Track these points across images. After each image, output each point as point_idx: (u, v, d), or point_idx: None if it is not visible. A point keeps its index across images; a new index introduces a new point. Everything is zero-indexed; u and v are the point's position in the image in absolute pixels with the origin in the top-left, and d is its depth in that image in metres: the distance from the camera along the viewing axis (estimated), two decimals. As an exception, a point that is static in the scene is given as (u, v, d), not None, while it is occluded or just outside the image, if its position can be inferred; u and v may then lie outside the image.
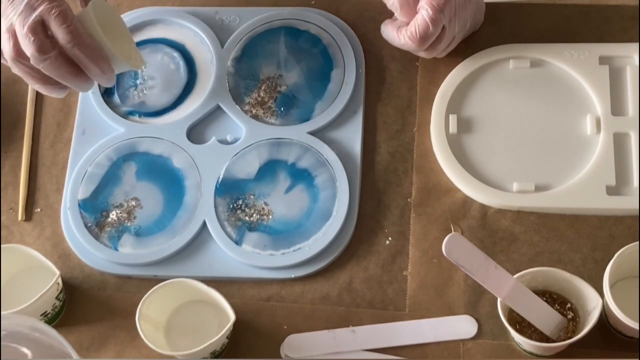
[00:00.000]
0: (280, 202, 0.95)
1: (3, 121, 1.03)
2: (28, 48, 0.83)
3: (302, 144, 0.97)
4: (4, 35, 0.84)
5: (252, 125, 0.98)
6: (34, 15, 0.83)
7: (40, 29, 0.83)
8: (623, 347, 0.86)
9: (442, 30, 0.93)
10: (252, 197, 0.95)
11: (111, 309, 0.93)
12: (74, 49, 0.84)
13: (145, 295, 0.87)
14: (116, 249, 0.94)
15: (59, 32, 0.83)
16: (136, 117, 1.00)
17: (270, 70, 1.01)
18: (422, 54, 0.98)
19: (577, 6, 1.01)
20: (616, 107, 0.95)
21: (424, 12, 0.91)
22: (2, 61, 0.87)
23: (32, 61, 0.84)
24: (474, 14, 0.96)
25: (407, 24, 0.93)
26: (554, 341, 0.84)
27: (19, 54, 0.84)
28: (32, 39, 0.82)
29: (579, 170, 0.93)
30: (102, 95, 1.02)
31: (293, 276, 0.92)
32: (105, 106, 1.01)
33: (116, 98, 1.01)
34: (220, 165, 0.97)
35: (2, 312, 0.83)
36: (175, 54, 1.02)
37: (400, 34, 0.94)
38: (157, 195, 0.96)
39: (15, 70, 0.86)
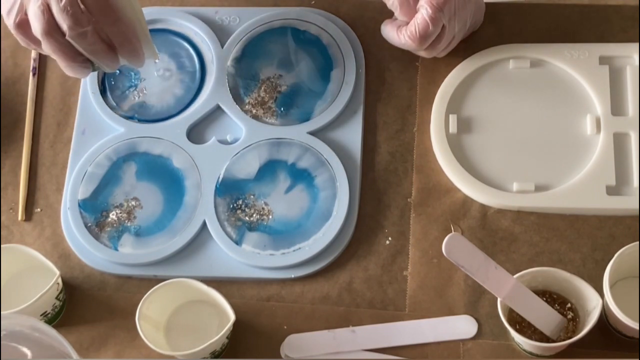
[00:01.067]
0: (280, 202, 0.95)
1: (3, 121, 1.03)
2: (65, 21, 0.83)
3: (302, 144, 0.97)
4: (37, 11, 0.83)
5: (252, 125, 0.98)
6: None
7: (76, 4, 0.83)
8: (623, 347, 0.86)
9: (442, 30, 0.93)
10: (252, 197, 0.95)
11: (111, 309, 0.93)
12: (111, 25, 0.85)
13: (145, 295, 0.87)
14: (116, 249, 0.94)
15: (96, 8, 0.84)
16: (135, 122, 1.00)
17: (270, 70, 1.01)
18: (422, 54, 0.98)
19: (577, 6, 1.01)
20: (616, 107, 0.95)
21: (424, 11, 0.91)
22: (26, 43, 0.87)
23: (68, 34, 0.83)
24: (474, 14, 0.96)
25: (407, 23, 0.93)
26: (554, 341, 0.84)
27: (53, 28, 0.84)
28: (70, 11, 0.82)
29: (579, 170, 0.93)
30: (102, 96, 1.02)
31: (293, 276, 0.92)
32: (105, 106, 1.01)
33: (115, 98, 1.01)
34: (220, 165, 0.97)
35: (2, 312, 0.83)
36: (187, 46, 1.03)
37: (400, 33, 0.94)
38: (157, 195, 0.96)
39: (46, 46, 0.85)
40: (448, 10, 0.91)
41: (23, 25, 0.86)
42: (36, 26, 0.84)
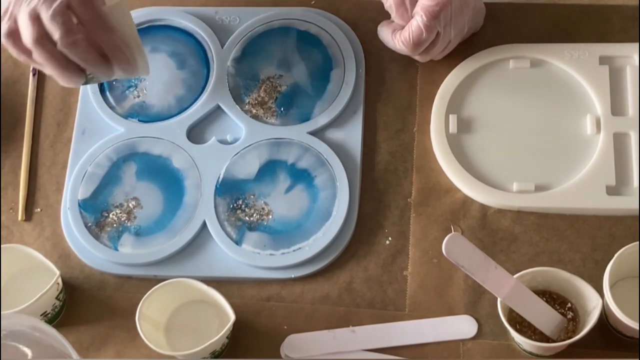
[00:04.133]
0: (280, 202, 0.95)
1: (3, 121, 1.03)
2: (56, 30, 0.82)
3: (302, 144, 0.97)
4: (26, 21, 0.83)
5: (252, 125, 0.98)
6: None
7: (66, 12, 0.83)
8: (623, 347, 0.86)
9: (437, 36, 0.93)
10: (252, 197, 0.95)
11: (111, 309, 0.93)
12: (102, 34, 0.85)
13: (145, 295, 0.87)
14: (116, 249, 0.94)
15: (86, 17, 0.84)
16: (135, 122, 1.00)
17: (270, 70, 1.01)
18: (417, 58, 0.98)
19: (577, 6, 1.01)
20: (616, 107, 0.95)
21: (419, 18, 0.91)
22: (16, 53, 0.86)
23: (59, 44, 0.83)
24: (473, 18, 0.96)
25: (403, 27, 0.93)
26: (554, 341, 0.84)
27: (43, 36, 0.83)
28: (60, 20, 0.82)
29: (579, 170, 0.93)
30: (102, 96, 1.02)
31: (293, 276, 0.92)
32: (105, 106, 1.01)
33: (115, 98, 1.01)
34: (220, 165, 0.97)
35: (2, 312, 0.83)
36: (195, 44, 1.03)
37: (394, 37, 0.94)
38: (157, 195, 0.96)
39: (37, 55, 0.84)
40: (444, 17, 0.91)
41: (13, 34, 0.85)
42: (26, 35, 0.83)
